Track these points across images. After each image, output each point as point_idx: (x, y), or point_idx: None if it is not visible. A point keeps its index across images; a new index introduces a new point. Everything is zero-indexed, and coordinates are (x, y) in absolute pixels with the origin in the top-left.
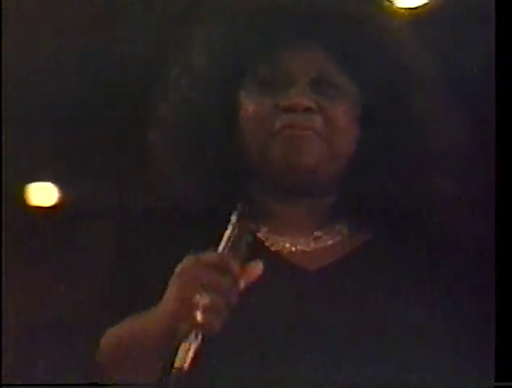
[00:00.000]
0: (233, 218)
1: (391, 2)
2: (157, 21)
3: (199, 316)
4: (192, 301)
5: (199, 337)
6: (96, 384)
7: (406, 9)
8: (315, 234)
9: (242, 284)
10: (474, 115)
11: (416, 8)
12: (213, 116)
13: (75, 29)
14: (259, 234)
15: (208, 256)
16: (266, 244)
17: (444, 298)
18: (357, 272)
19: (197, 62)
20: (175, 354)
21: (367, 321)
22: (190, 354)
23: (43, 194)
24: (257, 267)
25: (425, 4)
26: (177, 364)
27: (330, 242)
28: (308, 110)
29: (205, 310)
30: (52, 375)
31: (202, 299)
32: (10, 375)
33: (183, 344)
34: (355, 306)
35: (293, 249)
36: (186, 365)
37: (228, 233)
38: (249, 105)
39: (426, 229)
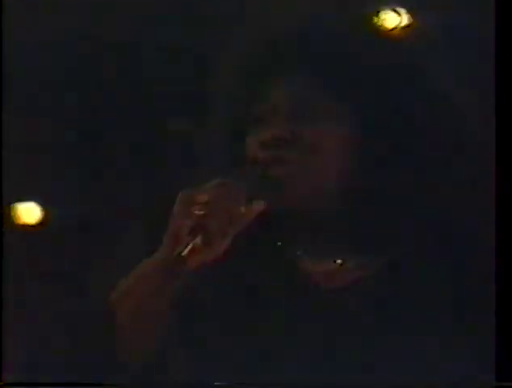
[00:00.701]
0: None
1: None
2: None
3: (197, 210)
4: (193, 197)
5: (199, 235)
6: (96, 384)
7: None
8: (336, 258)
9: (242, 209)
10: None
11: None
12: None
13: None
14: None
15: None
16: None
17: (444, 299)
18: (373, 294)
19: (220, 111)
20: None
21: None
22: (189, 246)
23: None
24: (259, 204)
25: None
26: (177, 250)
27: (351, 264)
28: (280, 141)
29: (204, 206)
30: (52, 375)
31: (201, 198)
32: (11, 375)
33: (185, 238)
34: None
35: (313, 267)
36: (185, 253)
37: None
38: (246, 145)
39: (448, 250)
